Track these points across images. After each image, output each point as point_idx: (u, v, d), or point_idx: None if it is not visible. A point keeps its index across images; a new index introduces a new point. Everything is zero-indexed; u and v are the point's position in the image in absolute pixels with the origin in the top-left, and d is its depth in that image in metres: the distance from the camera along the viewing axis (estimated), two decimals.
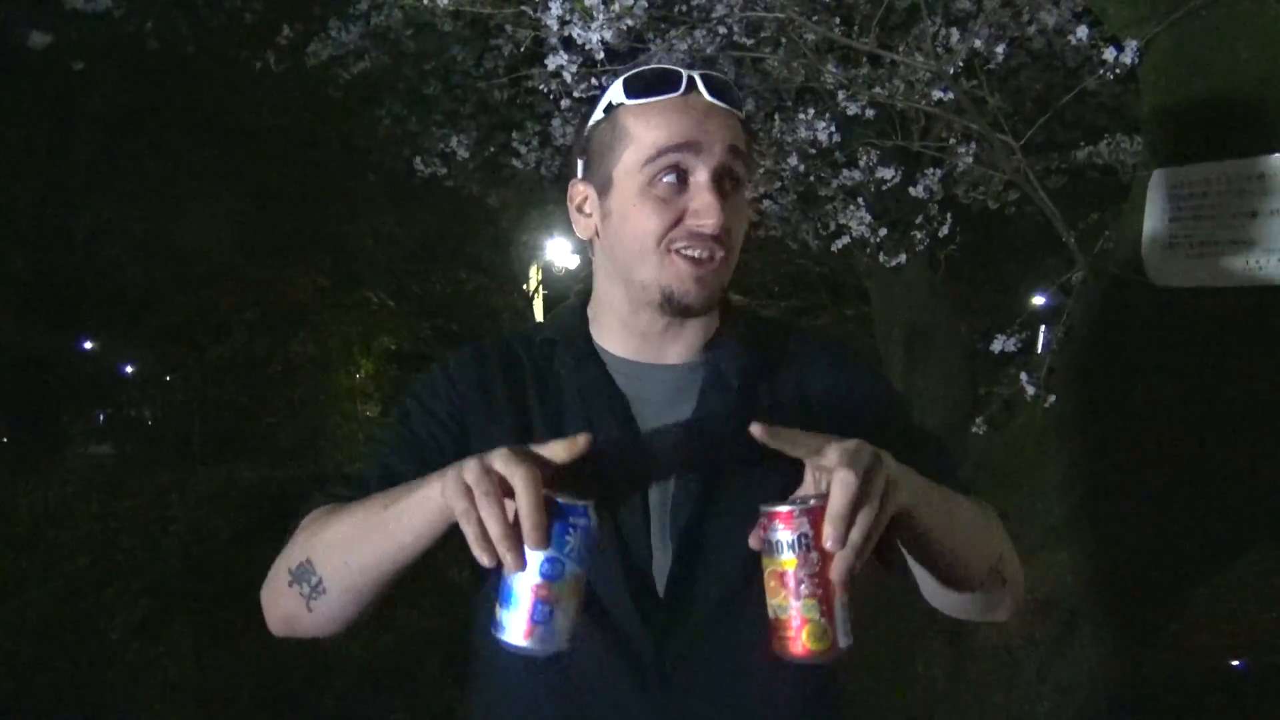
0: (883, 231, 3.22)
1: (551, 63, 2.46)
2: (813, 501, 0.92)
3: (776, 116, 3.14)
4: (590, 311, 1.29)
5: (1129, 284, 2.27)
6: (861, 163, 3.09)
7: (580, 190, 1.23)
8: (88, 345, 13.90)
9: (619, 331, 1.24)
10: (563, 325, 1.28)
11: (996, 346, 2.52)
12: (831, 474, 0.91)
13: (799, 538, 0.91)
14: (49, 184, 9.27)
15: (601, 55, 2.39)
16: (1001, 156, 2.51)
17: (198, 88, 6.98)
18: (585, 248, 1.28)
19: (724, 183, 1.14)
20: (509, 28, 3.44)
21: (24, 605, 4.98)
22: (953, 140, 3.01)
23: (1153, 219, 2.25)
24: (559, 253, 10.78)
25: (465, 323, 11.07)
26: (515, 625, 0.91)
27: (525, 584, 0.91)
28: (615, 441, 1.17)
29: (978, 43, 2.44)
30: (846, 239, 3.30)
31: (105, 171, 8.97)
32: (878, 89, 2.94)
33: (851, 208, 3.16)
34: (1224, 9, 2.15)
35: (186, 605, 4.98)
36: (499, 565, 0.91)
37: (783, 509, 0.92)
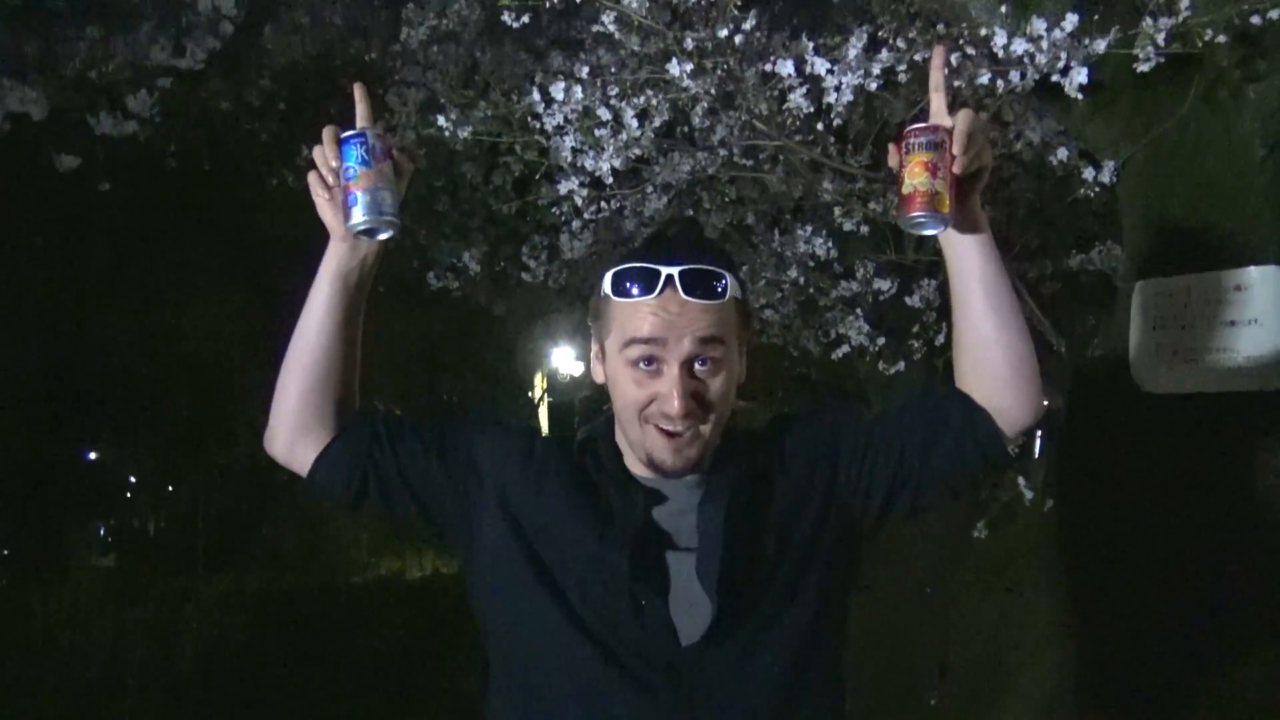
0: (880, 340, 3.33)
1: (563, 187, 2.60)
2: (947, 123, 1.30)
3: (776, 231, 3.28)
4: (617, 433, 1.43)
5: (1119, 390, 2.36)
6: (859, 274, 3.21)
7: (595, 343, 1.40)
8: (91, 455, 13.93)
9: (635, 460, 1.38)
10: (597, 432, 1.43)
11: None
12: (958, 114, 1.28)
13: (937, 140, 1.27)
14: (63, 290, 9.45)
15: (610, 180, 2.54)
16: None
17: (213, 201, 7.20)
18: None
19: (694, 366, 1.29)
20: (518, 148, 3.61)
21: (39, 712, 4.94)
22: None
23: (1138, 328, 2.36)
24: (564, 360, 10.91)
25: None
26: (351, 215, 1.32)
27: (342, 190, 1.33)
28: (639, 527, 1.32)
29: None
30: (846, 348, 3.41)
31: (118, 277, 9.16)
32: (872, 204, 3.09)
33: (850, 318, 3.27)
34: (1193, 130, 2.29)
35: (202, 712, 4.94)
36: None
37: (929, 123, 1.30)
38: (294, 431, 1.39)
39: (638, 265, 1.29)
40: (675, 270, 1.27)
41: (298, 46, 5.23)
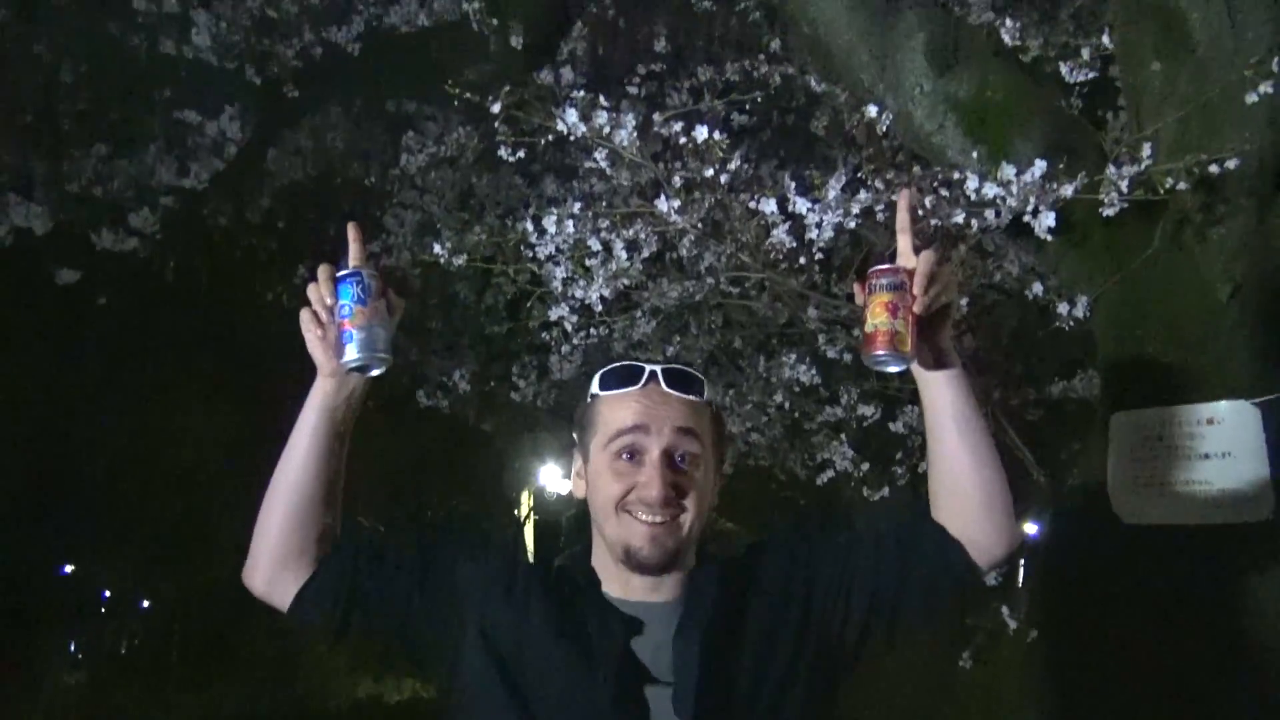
0: (865, 466, 3.37)
1: (554, 313, 2.67)
2: (908, 265, 1.36)
3: (762, 356, 3.35)
4: (593, 554, 1.47)
5: (1098, 519, 2.38)
6: (844, 400, 3.27)
7: (577, 459, 1.47)
8: (67, 569, 13.68)
9: (611, 578, 1.42)
10: (575, 559, 1.47)
11: (989, 581, 2.59)
12: (920, 256, 1.33)
13: (897, 282, 1.32)
14: (52, 399, 9.44)
15: (600, 308, 2.61)
16: None
17: (208, 315, 7.28)
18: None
19: (673, 458, 1.37)
20: (511, 271, 3.71)
21: None
22: None
23: (1115, 458, 2.40)
24: (551, 478, 10.88)
25: None
26: (345, 353, 1.34)
27: (336, 328, 1.35)
28: (618, 660, 1.34)
29: None
30: (831, 472, 3.44)
31: (108, 388, 9.17)
32: (856, 331, 3.16)
33: (835, 443, 3.31)
34: (1162, 267, 2.37)
35: None
36: None
37: (891, 265, 1.35)
38: (274, 568, 1.39)
39: (624, 363, 1.43)
40: (658, 367, 1.41)
41: (299, 167, 5.39)
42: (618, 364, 1.43)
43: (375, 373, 1.39)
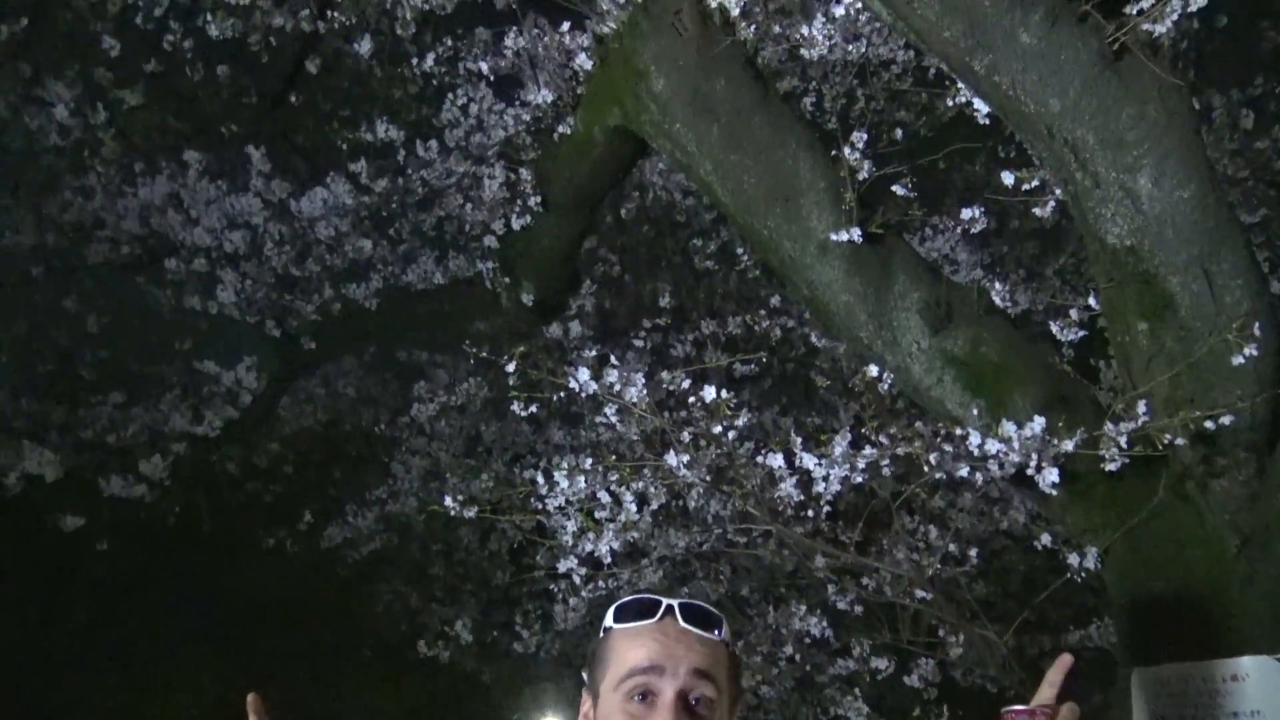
0: None
1: (562, 565, 2.67)
2: (1048, 710, 1.34)
3: (771, 606, 3.30)
4: None
5: None
6: (855, 652, 3.19)
7: (585, 700, 1.43)
8: None
9: None
10: None
11: None
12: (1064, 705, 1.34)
13: None
14: (38, 650, 9.16)
15: (609, 560, 2.61)
16: (984, 648, 2.63)
17: (205, 561, 7.20)
18: None
19: (688, 700, 1.32)
20: (518, 520, 3.71)
21: None
22: (941, 631, 3.14)
23: (1140, 716, 2.32)
24: None
25: None
26: None
27: None
28: None
29: (952, 547, 2.66)
30: None
31: (97, 635, 8.91)
32: (866, 580, 3.13)
33: (849, 698, 3.21)
34: (1167, 519, 2.38)
35: None
36: None
37: (1025, 708, 1.34)
38: None
39: (641, 596, 1.40)
40: (676, 602, 1.38)
41: (310, 414, 5.51)
42: (633, 597, 1.41)
43: None
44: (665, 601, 1.38)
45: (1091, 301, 2.50)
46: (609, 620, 1.41)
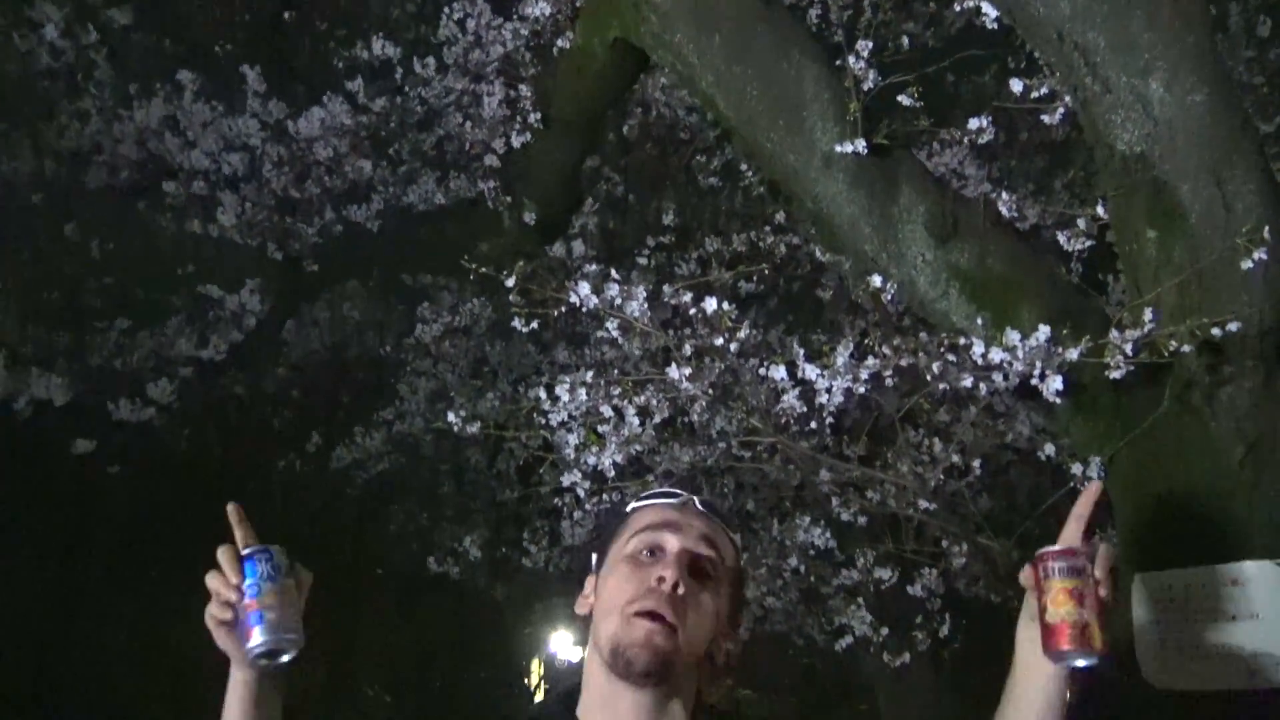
0: (884, 631, 3.30)
1: (566, 479, 2.69)
2: (1087, 549, 1.30)
3: (776, 519, 3.33)
4: (580, 698, 1.43)
5: (1129, 685, 2.31)
6: (859, 563, 3.23)
7: (590, 582, 1.47)
8: None
9: (598, 710, 1.38)
10: (550, 709, 1.47)
11: None
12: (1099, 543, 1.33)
13: (1079, 566, 1.26)
14: (58, 596, 9.32)
15: (613, 474, 2.62)
16: (987, 560, 2.66)
17: (219, 487, 7.28)
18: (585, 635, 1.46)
19: (693, 564, 1.36)
20: (524, 437, 3.74)
21: None
22: (945, 541, 3.18)
23: (1140, 621, 2.35)
24: (562, 645, 10.63)
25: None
26: (252, 637, 1.25)
27: (243, 610, 1.27)
28: None
29: (956, 457, 2.67)
30: (850, 638, 3.37)
31: (115, 581, 9.06)
32: (870, 493, 3.16)
33: (853, 607, 3.26)
34: (1170, 428, 2.38)
35: None
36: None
37: (1067, 548, 1.29)
38: None
39: (663, 489, 1.48)
40: (695, 498, 1.45)
41: (316, 338, 5.52)
42: (656, 489, 1.49)
43: (285, 659, 1.28)
44: (685, 495, 1.44)
45: (1100, 210, 2.47)
46: (632, 504, 1.47)
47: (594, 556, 1.48)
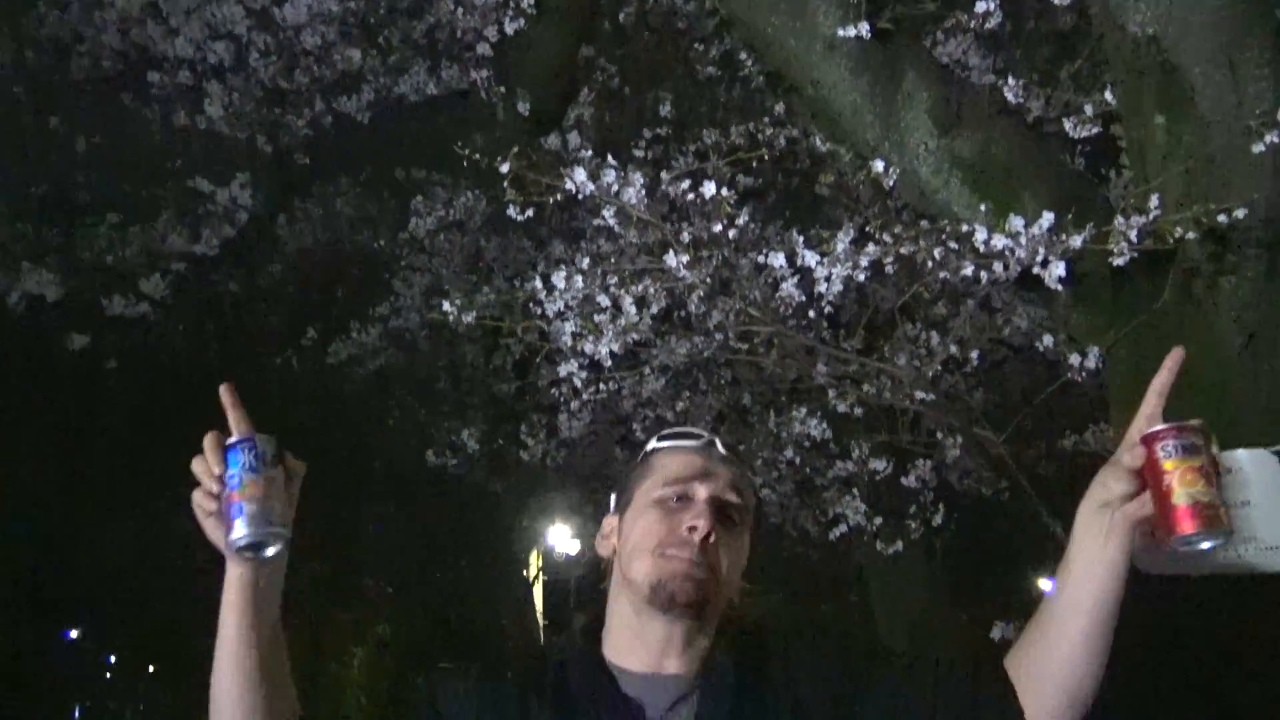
0: (878, 520, 3.34)
1: (562, 369, 2.68)
2: (1202, 424, 1.21)
3: (772, 411, 3.34)
4: (604, 633, 1.43)
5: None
6: (854, 454, 3.25)
7: (610, 522, 1.45)
8: (72, 634, 13.51)
9: (626, 643, 1.38)
10: (574, 646, 1.43)
11: (996, 634, 2.57)
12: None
13: (1199, 443, 1.17)
14: (60, 486, 9.42)
15: (609, 363, 2.62)
16: (980, 452, 2.67)
17: (216, 384, 7.28)
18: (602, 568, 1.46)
19: (720, 511, 1.35)
20: (519, 330, 3.73)
21: None
22: (940, 434, 3.19)
23: None
24: (560, 538, 10.81)
25: (463, 613, 10.90)
26: (234, 529, 1.20)
27: (225, 501, 1.21)
28: None
29: (954, 349, 2.66)
30: (844, 528, 3.42)
31: (117, 480, 9.15)
32: (866, 386, 3.16)
33: (847, 497, 3.29)
34: (1170, 318, 2.37)
35: None
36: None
37: (1184, 423, 1.19)
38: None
39: (684, 429, 1.47)
40: (717, 439, 1.43)
41: (308, 234, 5.45)
42: (677, 428, 1.48)
43: (270, 553, 1.23)
44: (707, 435, 1.43)
45: (1108, 96, 2.41)
46: (651, 444, 1.45)
47: (613, 496, 1.47)
